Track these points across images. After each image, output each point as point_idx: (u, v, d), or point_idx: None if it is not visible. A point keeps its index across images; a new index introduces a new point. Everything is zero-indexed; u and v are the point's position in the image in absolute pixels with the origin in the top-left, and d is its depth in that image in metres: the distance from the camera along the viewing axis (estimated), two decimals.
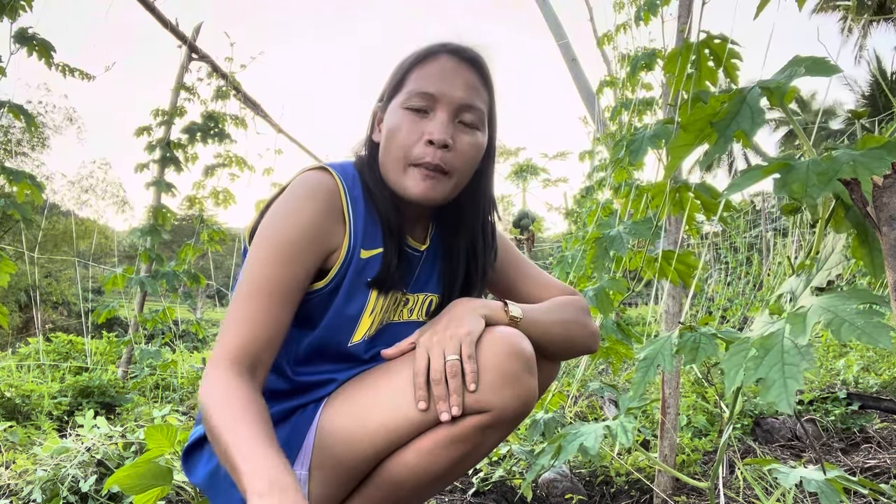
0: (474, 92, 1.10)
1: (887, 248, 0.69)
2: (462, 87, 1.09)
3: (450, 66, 1.10)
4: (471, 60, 1.12)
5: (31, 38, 2.71)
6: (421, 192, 1.07)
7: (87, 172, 21.14)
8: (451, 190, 1.11)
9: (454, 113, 1.08)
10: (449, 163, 1.07)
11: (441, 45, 1.12)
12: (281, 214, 1.05)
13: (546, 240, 21.26)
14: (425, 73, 1.09)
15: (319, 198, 1.06)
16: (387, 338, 1.16)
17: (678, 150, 0.93)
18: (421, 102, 1.08)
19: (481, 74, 1.13)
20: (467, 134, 1.10)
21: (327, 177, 1.09)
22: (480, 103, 1.11)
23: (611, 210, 2.94)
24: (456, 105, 1.08)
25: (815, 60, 0.80)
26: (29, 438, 2.41)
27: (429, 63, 1.10)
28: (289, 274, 1.01)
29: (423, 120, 1.08)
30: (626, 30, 3.70)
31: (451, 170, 1.08)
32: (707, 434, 2.64)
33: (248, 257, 1.05)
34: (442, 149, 1.06)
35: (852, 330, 0.65)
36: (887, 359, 3.93)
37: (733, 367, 0.70)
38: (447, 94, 1.08)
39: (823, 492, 1.03)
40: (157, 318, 3.87)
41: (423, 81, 1.08)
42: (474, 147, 1.11)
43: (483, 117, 1.12)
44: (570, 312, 1.23)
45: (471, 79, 1.11)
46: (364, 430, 1.05)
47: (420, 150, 1.06)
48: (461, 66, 1.11)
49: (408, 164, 1.08)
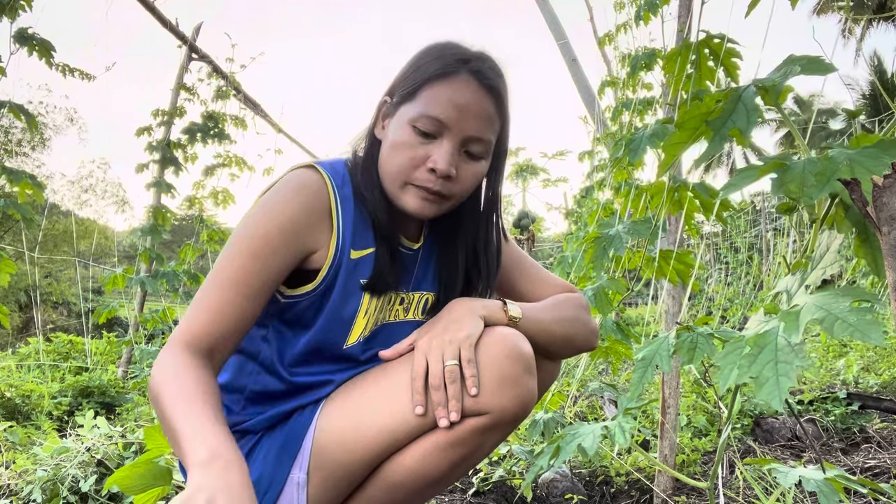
0: (486, 123, 1.07)
1: (887, 248, 0.69)
2: (474, 119, 1.05)
3: (467, 92, 1.05)
4: (490, 88, 1.07)
5: (30, 38, 2.70)
6: (416, 210, 1.07)
7: (87, 172, 21.12)
8: (446, 209, 1.11)
9: (461, 143, 1.06)
10: (448, 190, 1.07)
11: (461, 61, 1.07)
12: (261, 209, 1.04)
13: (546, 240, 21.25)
14: (440, 95, 1.05)
15: (303, 196, 1.05)
16: (383, 338, 1.16)
17: (672, 148, 0.93)
18: (430, 127, 1.04)
19: (498, 102, 1.09)
20: (471, 164, 1.08)
21: (315, 175, 1.08)
22: (490, 134, 1.08)
23: (611, 210, 2.94)
24: (464, 137, 1.05)
25: (810, 59, 0.80)
26: (29, 438, 2.42)
27: (446, 82, 1.05)
28: (259, 268, 1.00)
29: (429, 144, 1.05)
30: (627, 30, 3.70)
31: (450, 195, 1.08)
32: (707, 434, 2.64)
33: (226, 246, 1.04)
34: (443, 178, 1.05)
35: (844, 327, 0.65)
36: (887, 359, 3.93)
37: (727, 365, 0.70)
38: (458, 124, 1.04)
39: (823, 491, 1.02)
40: (158, 318, 3.87)
41: (436, 105, 1.04)
42: (476, 176, 1.10)
43: (490, 147, 1.10)
44: (569, 310, 1.22)
45: (486, 108, 1.07)
46: (362, 433, 1.05)
47: (422, 175, 1.05)
48: (479, 93, 1.06)
49: (407, 183, 1.06)
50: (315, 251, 1.07)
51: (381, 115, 1.14)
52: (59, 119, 18.48)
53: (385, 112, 1.13)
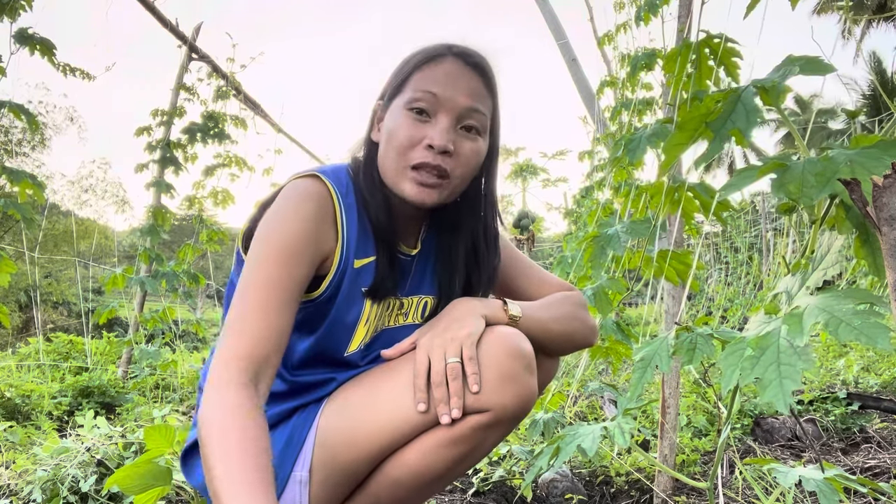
0: (478, 98, 1.08)
1: (887, 248, 0.69)
2: (466, 93, 1.07)
3: (454, 70, 1.08)
4: (475, 66, 1.09)
5: (31, 38, 2.70)
6: (417, 196, 1.07)
7: (87, 172, 21.07)
8: (447, 195, 1.10)
9: (457, 118, 1.07)
10: (449, 167, 1.06)
11: (446, 46, 1.10)
12: (278, 218, 1.04)
13: (546, 240, 21.24)
14: (429, 76, 1.07)
15: (312, 203, 1.05)
16: (381, 344, 1.16)
17: (672, 148, 0.93)
18: (423, 106, 1.06)
19: (486, 80, 1.11)
20: (469, 140, 1.09)
21: (319, 185, 1.08)
22: (484, 109, 1.09)
23: (611, 210, 2.94)
24: (459, 111, 1.06)
25: (809, 59, 0.80)
26: (29, 438, 2.42)
27: (433, 66, 1.08)
28: (288, 276, 1.00)
29: (425, 124, 1.06)
30: (627, 30, 3.70)
31: (451, 174, 1.07)
32: (707, 434, 2.64)
33: (248, 260, 1.02)
34: (442, 154, 1.05)
35: (849, 330, 0.65)
36: (887, 359, 3.93)
37: (729, 367, 0.70)
38: (450, 99, 1.06)
39: (822, 491, 1.02)
40: (158, 318, 3.87)
41: (427, 84, 1.06)
42: (475, 153, 1.10)
43: (486, 123, 1.11)
44: (568, 308, 1.23)
45: (475, 84, 1.09)
46: (364, 431, 1.05)
47: (420, 154, 1.05)
48: (466, 70, 1.08)
49: (407, 167, 1.06)
50: (327, 256, 1.08)
51: (376, 119, 1.15)
52: (58, 118, 18.47)
53: (379, 115, 1.14)
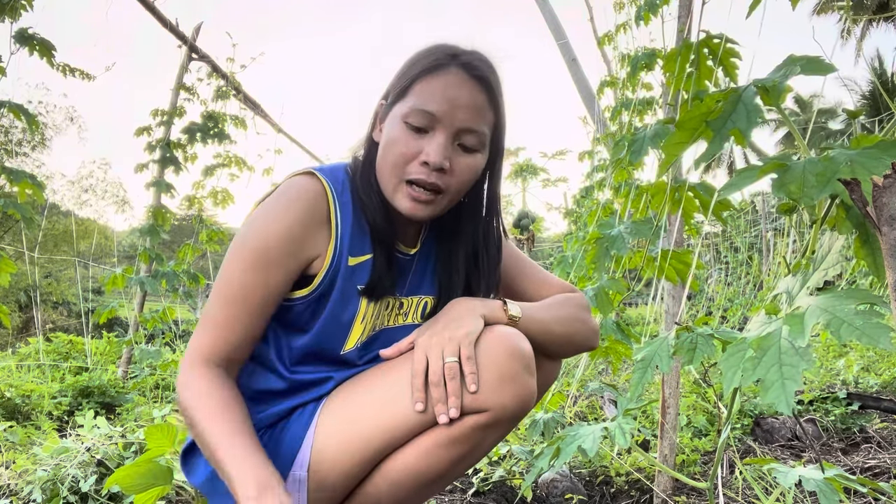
0: (478, 114, 1.06)
1: (887, 248, 0.69)
2: (465, 110, 1.05)
3: (457, 83, 1.05)
4: (480, 79, 1.07)
5: (31, 38, 2.70)
6: (410, 211, 1.06)
7: (87, 172, 21.03)
8: (441, 209, 1.10)
9: (454, 135, 1.05)
10: (444, 183, 1.06)
11: (451, 55, 1.07)
12: (261, 220, 1.04)
13: (546, 240, 21.24)
14: (431, 88, 1.05)
15: (301, 204, 1.05)
16: (380, 344, 1.16)
17: (672, 148, 0.92)
18: (421, 121, 1.04)
19: (489, 93, 1.08)
20: (465, 156, 1.07)
21: (314, 182, 1.08)
22: (483, 126, 1.08)
23: (611, 210, 2.94)
24: (456, 128, 1.05)
25: (810, 59, 0.80)
26: (29, 438, 2.42)
27: (436, 76, 1.06)
28: (262, 280, 1.03)
29: (422, 138, 1.05)
30: (627, 30, 3.70)
31: (445, 189, 1.06)
32: (707, 434, 2.64)
33: (226, 258, 1.06)
34: (437, 171, 1.04)
35: (851, 330, 0.64)
36: (887, 359, 3.93)
37: (731, 368, 0.70)
38: (449, 116, 1.04)
39: (822, 491, 1.02)
40: (158, 318, 3.87)
41: (427, 98, 1.04)
42: (471, 169, 1.09)
43: (485, 139, 1.09)
44: (569, 309, 1.22)
45: (477, 99, 1.06)
46: (362, 431, 1.05)
47: (415, 169, 1.05)
48: (468, 84, 1.06)
49: (402, 181, 1.06)
50: (315, 257, 1.07)
51: (378, 118, 1.15)
52: (58, 118, 18.44)
53: (381, 115, 1.14)
